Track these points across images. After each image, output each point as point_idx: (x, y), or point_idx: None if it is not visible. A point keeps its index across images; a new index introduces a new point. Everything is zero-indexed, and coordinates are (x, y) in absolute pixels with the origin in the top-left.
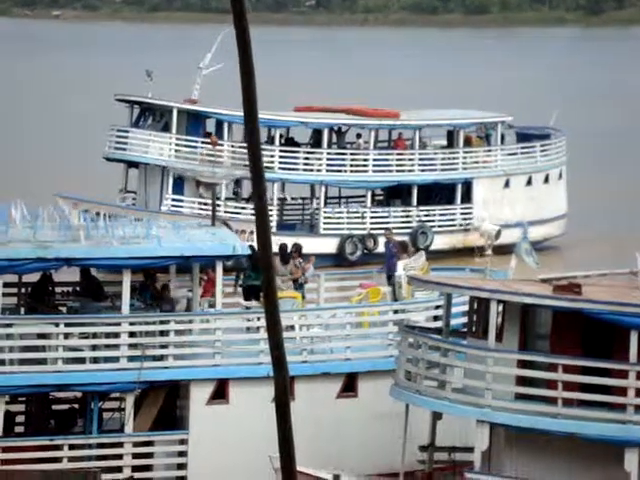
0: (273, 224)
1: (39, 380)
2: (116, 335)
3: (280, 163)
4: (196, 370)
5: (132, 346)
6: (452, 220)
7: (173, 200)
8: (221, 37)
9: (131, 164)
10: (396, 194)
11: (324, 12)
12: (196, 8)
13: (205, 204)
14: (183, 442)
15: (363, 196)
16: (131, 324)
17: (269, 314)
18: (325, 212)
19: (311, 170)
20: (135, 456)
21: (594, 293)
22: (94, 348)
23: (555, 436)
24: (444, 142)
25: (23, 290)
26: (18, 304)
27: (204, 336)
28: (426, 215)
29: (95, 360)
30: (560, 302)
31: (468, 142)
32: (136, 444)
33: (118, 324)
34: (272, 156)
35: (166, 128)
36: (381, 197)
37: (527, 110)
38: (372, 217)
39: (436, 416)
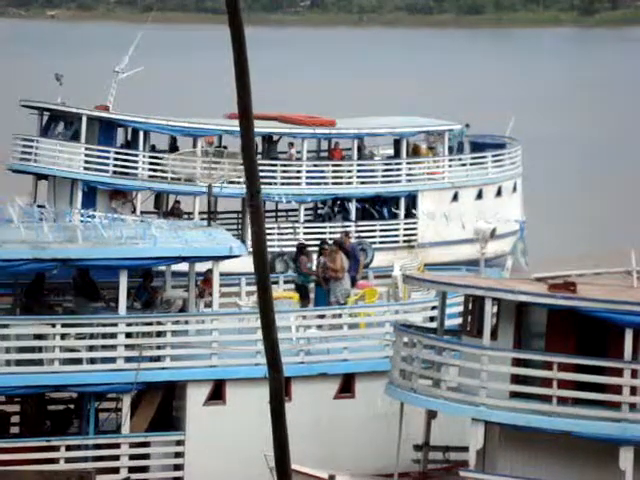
0: None
1: (35, 381)
2: (113, 336)
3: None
4: (193, 371)
5: (129, 347)
6: (395, 236)
7: (82, 215)
8: (139, 38)
9: (40, 176)
10: (334, 208)
11: (319, 12)
12: (190, 8)
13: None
14: (180, 443)
15: (296, 210)
16: (128, 325)
17: (264, 315)
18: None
19: (238, 182)
20: (131, 457)
21: (589, 291)
22: (91, 349)
23: (550, 434)
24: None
25: (19, 290)
26: (14, 305)
27: (201, 337)
28: (366, 231)
29: (92, 361)
30: (555, 300)
31: (416, 152)
32: (132, 445)
33: (115, 325)
34: (194, 167)
35: (76, 137)
36: (322, 211)
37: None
38: (305, 233)
39: (431, 415)
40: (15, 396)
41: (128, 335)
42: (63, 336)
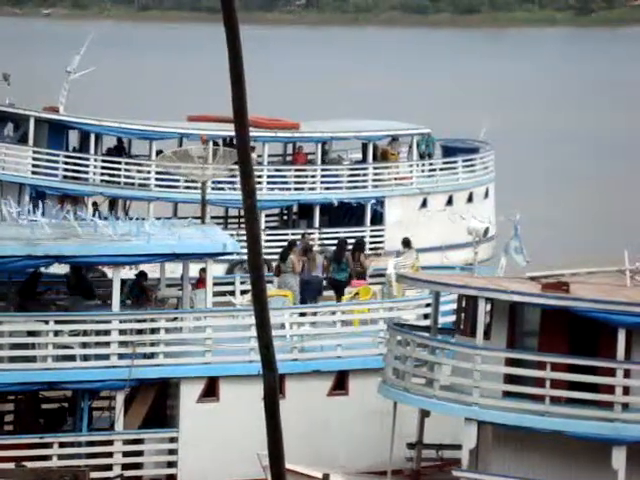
0: None
1: (29, 378)
2: (106, 333)
3: (158, 180)
4: (186, 368)
5: (122, 344)
6: None
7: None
8: (91, 38)
9: None
10: (300, 215)
11: (314, 11)
12: (186, 7)
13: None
14: (173, 440)
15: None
16: (121, 322)
17: (259, 315)
18: None
19: (195, 188)
20: (125, 454)
21: (582, 291)
22: (84, 346)
23: (543, 434)
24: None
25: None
26: (7, 302)
27: (195, 334)
28: (330, 238)
29: (85, 358)
30: (548, 300)
31: (385, 157)
32: (126, 442)
33: (108, 322)
34: (149, 172)
35: (24, 139)
36: (285, 218)
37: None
38: (267, 241)
39: (424, 413)
40: (9, 393)
41: (122, 332)
42: (56, 333)
